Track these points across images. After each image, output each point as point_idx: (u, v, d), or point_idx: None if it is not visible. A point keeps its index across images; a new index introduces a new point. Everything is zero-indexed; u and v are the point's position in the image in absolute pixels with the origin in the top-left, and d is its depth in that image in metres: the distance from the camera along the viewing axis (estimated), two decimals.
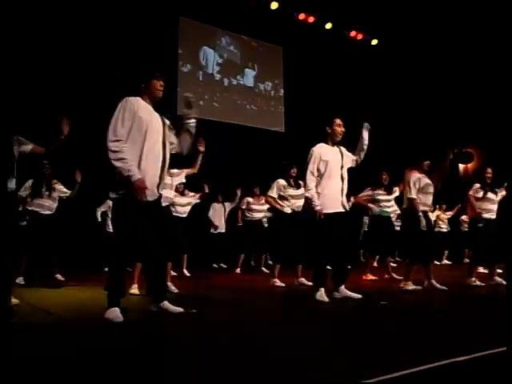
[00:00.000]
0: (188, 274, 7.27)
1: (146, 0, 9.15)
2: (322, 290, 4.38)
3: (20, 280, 5.69)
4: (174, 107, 9.84)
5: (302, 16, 11.29)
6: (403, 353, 2.46)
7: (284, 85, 11.81)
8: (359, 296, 4.43)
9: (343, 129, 4.60)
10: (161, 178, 3.46)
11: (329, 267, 4.72)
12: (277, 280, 5.81)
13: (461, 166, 13.43)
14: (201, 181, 6.52)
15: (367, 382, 1.89)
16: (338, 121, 4.60)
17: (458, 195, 9.05)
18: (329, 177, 4.46)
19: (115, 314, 3.21)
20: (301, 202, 5.61)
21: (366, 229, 8.85)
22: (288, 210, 5.80)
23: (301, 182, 5.69)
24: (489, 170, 5.90)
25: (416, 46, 11.98)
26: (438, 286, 5.27)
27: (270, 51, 11.72)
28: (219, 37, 11.04)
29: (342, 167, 4.52)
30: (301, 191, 5.73)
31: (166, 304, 3.51)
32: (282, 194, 5.85)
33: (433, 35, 11.42)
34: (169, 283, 4.89)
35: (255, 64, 11.51)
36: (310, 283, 5.83)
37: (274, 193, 5.85)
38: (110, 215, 7.22)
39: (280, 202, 5.83)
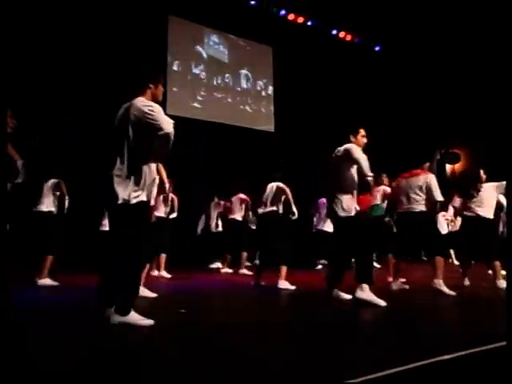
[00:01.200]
0: (168, 276, 7.14)
1: None
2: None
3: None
4: (163, 107, 9.77)
5: (291, 16, 11.34)
6: (389, 352, 2.47)
7: (274, 84, 11.81)
8: (349, 297, 4.44)
9: (366, 140, 4.57)
10: None
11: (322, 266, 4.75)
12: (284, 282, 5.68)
13: (448, 167, 13.58)
14: None
15: (352, 382, 1.89)
16: (363, 132, 4.58)
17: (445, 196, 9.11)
18: None
19: (139, 316, 3.13)
20: None
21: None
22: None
23: None
24: (482, 172, 5.97)
25: (405, 46, 12.07)
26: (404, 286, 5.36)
27: (260, 51, 11.71)
28: (208, 36, 11.00)
29: None
30: None
31: (112, 311, 3.15)
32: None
33: (420, 36, 11.52)
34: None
35: (245, 63, 11.48)
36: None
37: None
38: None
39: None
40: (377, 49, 12.79)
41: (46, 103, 7.90)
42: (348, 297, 4.44)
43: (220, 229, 8.95)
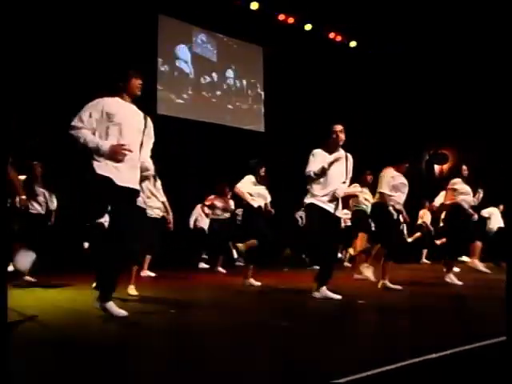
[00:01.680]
0: (152, 274, 7.07)
1: None
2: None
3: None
4: (153, 106, 9.75)
5: (281, 17, 11.35)
6: (375, 351, 2.49)
7: (264, 84, 11.81)
8: (339, 297, 4.43)
9: (343, 135, 4.51)
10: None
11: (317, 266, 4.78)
12: (252, 280, 5.75)
13: (436, 167, 13.70)
14: None
15: (339, 382, 1.90)
16: (337, 127, 4.52)
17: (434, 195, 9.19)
18: None
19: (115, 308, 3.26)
20: (262, 202, 5.83)
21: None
22: (256, 204, 5.82)
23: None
24: (464, 167, 6.10)
25: (394, 48, 12.14)
26: (391, 285, 5.33)
27: (249, 50, 11.70)
28: (198, 35, 10.97)
29: None
30: (265, 191, 5.88)
31: (111, 304, 3.32)
32: (250, 190, 5.85)
33: (409, 38, 11.60)
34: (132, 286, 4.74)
35: (234, 63, 11.46)
36: (259, 283, 5.71)
37: (244, 186, 5.82)
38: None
39: (248, 196, 5.81)
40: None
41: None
42: (337, 297, 4.44)
43: (205, 226, 8.91)
